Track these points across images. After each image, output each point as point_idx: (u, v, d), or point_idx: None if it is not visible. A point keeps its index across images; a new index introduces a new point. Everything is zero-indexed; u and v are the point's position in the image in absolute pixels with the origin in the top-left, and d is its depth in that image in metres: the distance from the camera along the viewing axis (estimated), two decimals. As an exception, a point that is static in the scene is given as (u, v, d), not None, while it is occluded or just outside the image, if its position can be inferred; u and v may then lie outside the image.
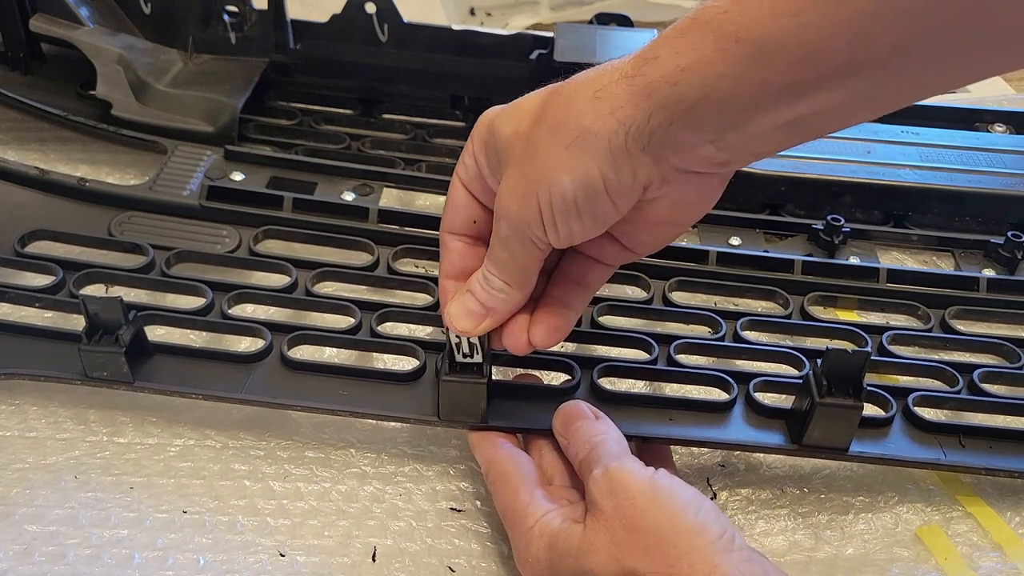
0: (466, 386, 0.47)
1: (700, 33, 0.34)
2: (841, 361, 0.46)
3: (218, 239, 0.60)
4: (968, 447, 0.51)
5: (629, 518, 0.39)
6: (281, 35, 0.73)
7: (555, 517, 0.42)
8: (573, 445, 0.45)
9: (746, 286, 0.61)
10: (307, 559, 0.47)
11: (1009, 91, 0.91)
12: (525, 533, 0.43)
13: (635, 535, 0.39)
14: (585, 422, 0.46)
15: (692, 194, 0.41)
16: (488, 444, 0.48)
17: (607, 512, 0.40)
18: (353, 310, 0.55)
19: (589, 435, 0.45)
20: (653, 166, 0.38)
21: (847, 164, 0.69)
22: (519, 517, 0.43)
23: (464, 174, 0.44)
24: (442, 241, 0.46)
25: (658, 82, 0.36)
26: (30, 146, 0.71)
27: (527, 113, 0.40)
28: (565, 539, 0.41)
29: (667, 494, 0.40)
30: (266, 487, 0.50)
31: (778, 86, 0.34)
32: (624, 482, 0.40)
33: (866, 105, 0.35)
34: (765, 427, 0.50)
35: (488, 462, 0.47)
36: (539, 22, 0.99)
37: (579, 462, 0.44)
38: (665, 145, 0.37)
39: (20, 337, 0.52)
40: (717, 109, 0.35)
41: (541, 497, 0.44)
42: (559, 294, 0.46)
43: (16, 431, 0.52)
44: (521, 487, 0.44)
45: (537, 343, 0.46)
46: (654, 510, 0.39)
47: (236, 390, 0.50)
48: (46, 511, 0.48)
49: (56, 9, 0.70)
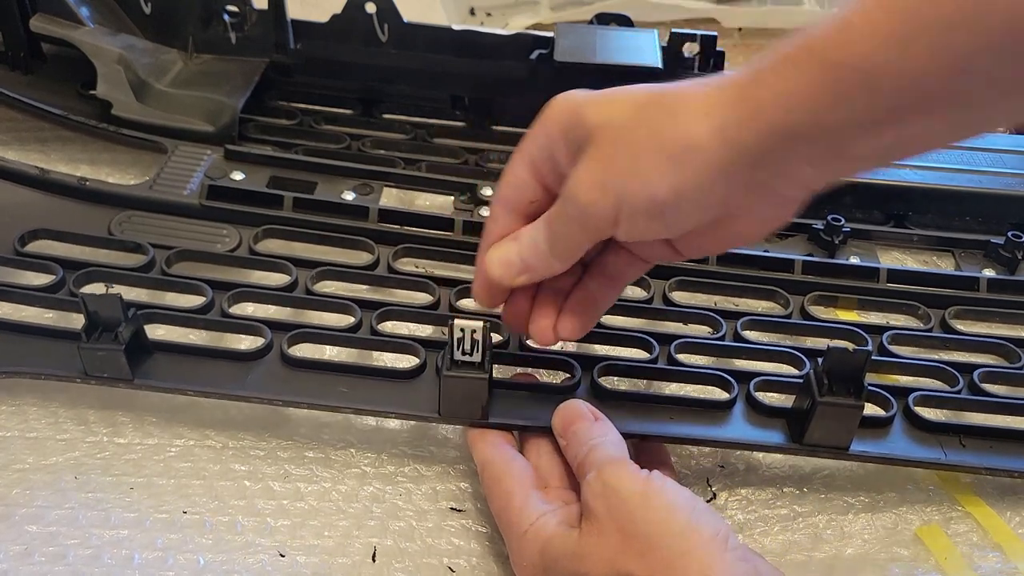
0: (467, 382, 0.47)
1: (806, 60, 0.36)
2: (842, 360, 0.46)
3: (218, 238, 0.60)
4: (969, 447, 0.51)
5: (623, 522, 0.39)
6: (281, 35, 0.73)
7: (549, 521, 0.42)
8: (572, 447, 0.45)
9: (746, 286, 0.61)
10: (307, 559, 0.47)
11: (1009, 91, 0.91)
12: (519, 537, 0.43)
13: (629, 539, 0.39)
14: (584, 423, 0.46)
15: (771, 212, 0.42)
16: (485, 443, 0.48)
17: (601, 516, 0.40)
18: (353, 309, 0.55)
19: (587, 437, 0.45)
20: (750, 186, 0.39)
21: (847, 164, 0.69)
22: (513, 521, 0.43)
23: (534, 153, 0.44)
24: (492, 213, 0.46)
25: (768, 107, 0.37)
26: (30, 146, 0.72)
27: (623, 109, 0.41)
28: (560, 544, 0.41)
29: (660, 496, 0.40)
30: (266, 487, 0.50)
31: (883, 111, 0.35)
32: (617, 485, 0.40)
33: (968, 128, 0.37)
34: (765, 426, 0.50)
35: (484, 462, 0.47)
36: (539, 22, 0.99)
37: (577, 464, 0.44)
38: (768, 168, 0.38)
39: (20, 336, 0.52)
40: (824, 135, 0.36)
41: (536, 500, 0.44)
42: (591, 288, 0.48)
43: (16, 431, 0.52)
44: (516, 490, 0.44)
45: (564, 336, 0.48)
46: (647, 513, 0.39)
47: (236, 388, 0.50)
48: (46, 511, 0.48)
49: (56, 9, 0.70)
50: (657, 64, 0.67)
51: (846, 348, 0.46)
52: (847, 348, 0.46)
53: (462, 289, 0.58)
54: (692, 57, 0.73)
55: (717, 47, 0.73)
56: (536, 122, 0.44)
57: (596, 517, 0.40)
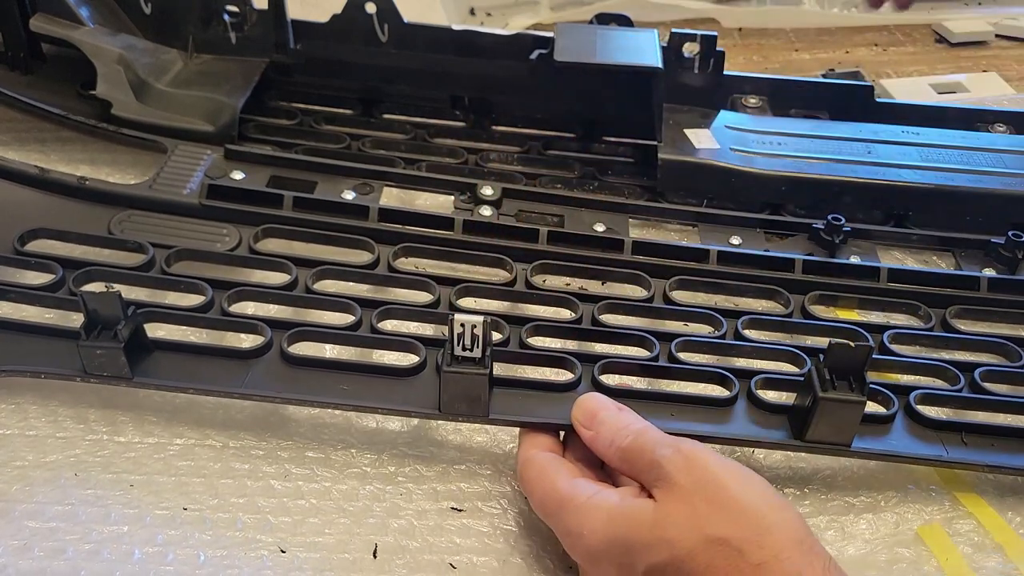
0: (467, 377, 0.47)
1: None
2: (843, 355, 0.46)
3: (218, 238, 0.60)
4: (970, 444, 0.51)
5: (711, 491, 0.41)
6: (281, 35, 0.73)
7: (609, 495, 0.43)
8: (604, 435, 0.46)
9: (747, 285, 0.61)
10: (307, 555, 0.47)
11: (1009, 91, 0.91)
12: (577, 508, 0.43)
13: (719, 506, 0.40)
14: (611, 411, 0.47)
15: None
16: (530, 443, 0.48)
17: (685, 486, 0.41)
18: (353, 307, 0.55)
19: (625, 423, 0.46)
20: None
21: (848, 164, 0.69)
22: (565, 498, 0.44)
23: None
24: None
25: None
26: (30, 146, 0.72)
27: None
28: (631, 512, 0.42)
29: (746, 472, 0.42)
30: (267, 486, 0.50)
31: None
32: (702, 460, 0.42)
33: None
34: (767, 423, 0.50)
35: (526, 460, 0.47)
36: (539, 22, 0.99)
37: (619, 449, 0.45)
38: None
39: (20, 335, 0.52)
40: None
41: (584, 482, 0.45)
42: None
43: (16, 429, 0.52)
44: (561, 474, 0.45)
45: None
46: (739, 485, 0.41)
47: (235, 385, 0.50)
48: (46, 507, 0.48)
49: (56, 9, 0.70)
50: (657, 64, 0.66)
51: (848, 343, 0.46)
52: (848, 343, 0.46)
53: (462, 288, 0.57)
54: (692, 57, 0.73)
55: (717, 47, 0.73)
56: None
57: (679, 487, 0.41)
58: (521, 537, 0.48)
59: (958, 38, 1.02)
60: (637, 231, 0.66)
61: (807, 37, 1.03)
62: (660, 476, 0.42)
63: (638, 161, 0.73)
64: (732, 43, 1.00)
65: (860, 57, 0.99)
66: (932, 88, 0.91)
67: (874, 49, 1.01)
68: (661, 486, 0.42)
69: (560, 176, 0.71)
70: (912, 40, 1.03)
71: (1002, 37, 1.03)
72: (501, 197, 0.64)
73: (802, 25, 1.04)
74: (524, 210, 0.64)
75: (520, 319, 0.56)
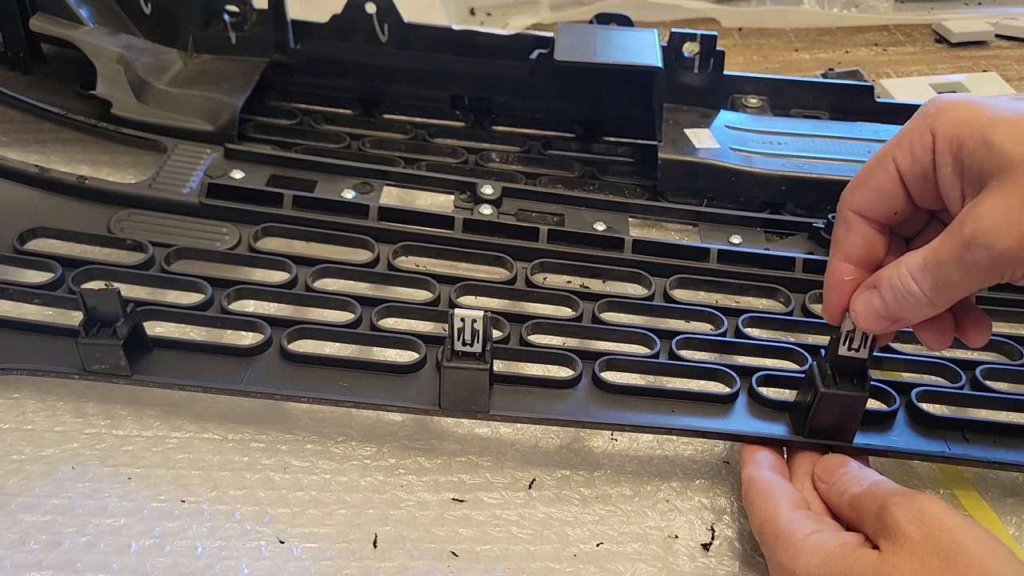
0: (468, 373, 0.47)
1: None
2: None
3: (218, 236, 0.60)
4: (972, 441, 0.50)
5: (945, 549, 0.38)
6: (281, 35, 0.73)
7: (829, 537, 0.41)
8: (838, 485, 0.45)
9: (747, 284, 0.60)
10: (306, 546, 0.47)
11: (1009, 91, 0.91)
12: (793, 544, 0.42)
13: (954, 566, 0.38)
14: (852, 466, 0.46)
15: None
16: (754, 462, 0.47)
17: (915, 540, 0.39)
18: (353, 306, 0.55)
19: (862, 475, 0.45)
20: None
21: (848, 163, 0.69)
22: (784, 529, 0.42)
23: (906, 165, 0.40)
24: (845, 219, 0.42)
25: None
26: (30, 146, 0.72)
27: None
28: (852, 559, 0.40)
29: (988, 534, 0.39)
30: (266, 478, 0.50)
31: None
32: (940, 514, 0.39)
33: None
34: (769, 418, 0.50)
35: (750, 479, 0.47)
36: (539, 22, 1.00)
37: (851, 496, 0.44)
38: None
39: (19, 333, 0.52)
40: None
41: (805, 516, 0.43)
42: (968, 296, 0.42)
43: (13, 423, 0.51)
44: (783, 503, 0.44)
45: (976, 344, 0.44)
46: (978, 547, 0.38)
47: (235, 383, 0.50)
48: (42, 500, 0.48)
49: (56, 9, 0.70)
50: (657, 64, 0.66)
51: None
52: None
53: (462, 286, 0.57)
54: (692, 57, 0.73)
55: (717, 47, 0.73)
56: (910, 127, 0.40)
57: (908, 540, 0.39)
58: (525, 527, 0.48)
59: (958, 38, 1.02)
60: (637, 230, 0.66)
61: (807, 37, 1.03)
62: (889, 525, 0.40)
63: (638, 161, 0.73)
64: (732, 43, 1.00)
65: (860, 57, 0.99)
66: (932, 88, 0.91)
67: (874, 49, 1.01)
68: (888, 536, 0.40)
69: (560, 175, 0.71)
70: (912, 40, 1.03)
71: (1002, 37, 1.03)
72: (501, 196, 0.64)
73: (802, 25, 1.04)
74: (524, 209, 0.64)
75: (520, 317, 0.56)
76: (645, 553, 0.47)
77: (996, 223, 0.36)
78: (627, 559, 0.47)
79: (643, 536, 0.48)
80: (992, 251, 0.36)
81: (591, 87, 0.74)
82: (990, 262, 0.37)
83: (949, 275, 0.38)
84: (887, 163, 0.41)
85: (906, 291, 0.40)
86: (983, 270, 0.37)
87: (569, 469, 0.51)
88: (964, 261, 0.37)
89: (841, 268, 0.43)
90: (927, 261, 0.39)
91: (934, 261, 0.39)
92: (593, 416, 0.50)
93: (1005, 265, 0.37)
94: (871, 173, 0.42)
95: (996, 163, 0.36)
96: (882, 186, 0.41)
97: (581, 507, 0.50)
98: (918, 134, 0.40)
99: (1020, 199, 0.36)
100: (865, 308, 0.42)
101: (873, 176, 0.41)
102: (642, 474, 0.51)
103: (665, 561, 0.47)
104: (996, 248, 0.36)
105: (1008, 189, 0.36)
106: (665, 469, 0.52)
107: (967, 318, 0.43)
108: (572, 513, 0.49)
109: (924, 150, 0.39)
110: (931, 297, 0.39)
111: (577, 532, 0.48)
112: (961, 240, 0.37)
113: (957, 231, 0.38)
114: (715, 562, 0.47)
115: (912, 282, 0.40)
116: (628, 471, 0.52)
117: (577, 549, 0.47)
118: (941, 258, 0.38)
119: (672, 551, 0.48)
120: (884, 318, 0.42)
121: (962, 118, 0.38)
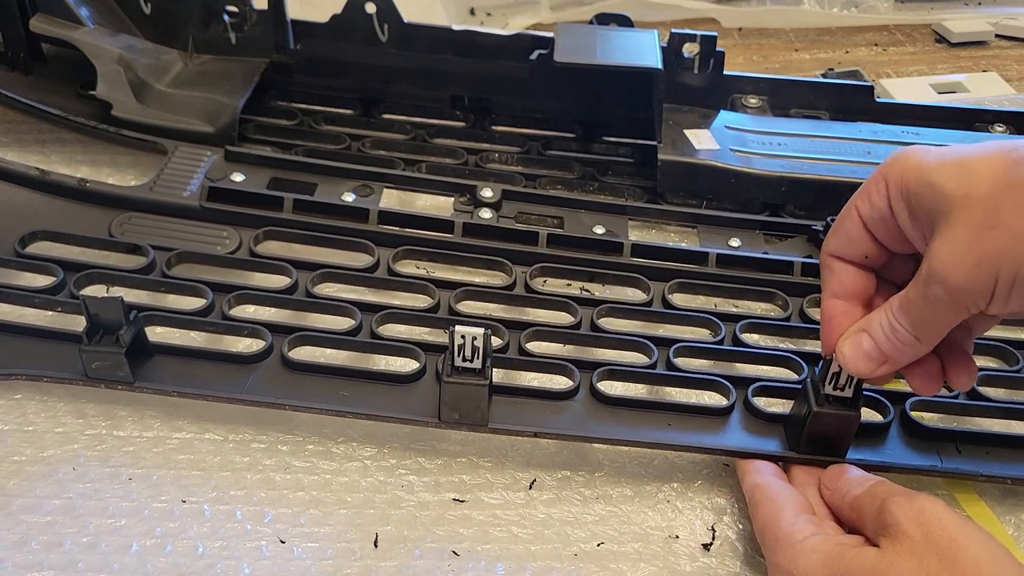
0: (467, 388, 0.47)
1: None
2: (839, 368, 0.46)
3: (218, 240, 0.60)
4: (965, 453, 0.51)
5: (944, 549, 0.39)
6: (281, 35, 0.73)
7: (829, 537, 0.42)
8: (841, 488, 0.46)
9: (746, 288, 0.61)
10: (307, 545, 0.47)
11: (1009, 91, 0.91)
12: (792, 546, 0.43)
13: (952, 566, 0.38)
14: (854, 471, 0.47)
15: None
16: (756, 472, 0.48)
17: (915, 539, 0.40)
18: (353, 311, 0.55)
19: (863, 477, 0.46)
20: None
21: (847, 164, 0.69)
22: (784, 532, 0.43)
23: (867, 213, 0.43)
24: (825, 262, 0.45)
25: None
26: (30, 148, 0.72)
27: (982, 176, 0.38)
28: (851, 558, 0.41)
29: (987, 536, 0.40)
30: (266, 478, 0.50)
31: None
32: (937, 515, 0.40)
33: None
34: (763, 433, 0.51)
35: (753, 486, 0.47)
36: (539, 22, 0.99)
37: (853, 497, 0.45)
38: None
39: (20, 337, 0.53)
40: None
41: (807, 520, 0.44)
42: (959, 338, 0.44)
43: (14, 424, 0.52)
44: (786, 507, 0.45)
45: (960, 388, 0.46)
46: (976, 548, 0.39)
47: (236, 390, 0.50)
48: (43, 501, 0.48)
49: (56, 9, 0.70)
50: (657, 64, 0.66)
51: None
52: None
53: (462, 292, 0.58)
54: (692, 57, 0.73)
55: (717, 47, 0.73)
56: (870, 177, 0.43)
57: (907, 539, 0.40)
58: (525, 527, 0.49)
59: (958, 38, 1.02)
60: (636, 233, 0.66)
61: (807, 37, 1.03)
62: (888, 524, 0.41)
63: (638, 161, 0.73)
64: (732, 43, 1.00)
65: (860, 57, 0.99)
66: (932, 88, 0.91)
67: (874, 49, 1.01)
68: (888, 535, 0.41)
69: (560, 176, 0.71)
70: (912, 40, 1.03)
71: (1002, 37, 1.03)
72: (501, 199, 0.64)
73: (802, 25, 1.04)
74: (524, 212, 0.64)
75: (519, 323, 0.56)
76: (646, 553, 0.48)
77: (945, 259, 0.38)
78: (628, 559, 0.48)
79: (644, 536, 0.49)
80: (947, 285, 0.39)
81: (591, 87, 0.74)
82: (948, 296, 0.39)
83: (920, 312, 0.41)
84: (852, 211, 0.44)
85: (892, 330, 0.42)
86: (946, 305, 0.39)
87: (570, 469, 0.52)
88: (927, 298, 0.40)
89: (833, 304, 0.45)
90: (902, 301, 0.42)
91: (906, 300, 0.41)
92: (590, 430, 0.50)
93: (964, 297, 0.39)
94: (841, 220, 0.45)
95: (941, 203, 0.39)
96: (849, 231, 0.44)
97: (582, 507, 0.50)
98: (874, 183, 0.42)
99: (965, 234, 0.38)
100: (853, 350, 0.44)
101: (842, 223, 0.44)
102: (643, 474, 0.52)
103: (666, 561, 0.47)
104: (949, 282, 0.38)
105: (953, 226, 0.38)
106: (665, 470, 0.52)
107: (951, 359, 0.44)
108: (573, 513, 0.50)
109: (880, 197, 0.42)
110: (914, 334, 0.42)
111: (578, 532, 0.49)
112: (921, 278, 0.40)
113: (920, 271, 0.40)
114: (715, 562, 0.48)
115: (896, 321, 0.42)
116: (629, 471, 0.52)
117: (578, 549, 0.48)
118: (910, 297, 0.41)
119: (673, 551, 0.48)
120: (874, 359, 0.43)
121: (909, 165, 0.41)
